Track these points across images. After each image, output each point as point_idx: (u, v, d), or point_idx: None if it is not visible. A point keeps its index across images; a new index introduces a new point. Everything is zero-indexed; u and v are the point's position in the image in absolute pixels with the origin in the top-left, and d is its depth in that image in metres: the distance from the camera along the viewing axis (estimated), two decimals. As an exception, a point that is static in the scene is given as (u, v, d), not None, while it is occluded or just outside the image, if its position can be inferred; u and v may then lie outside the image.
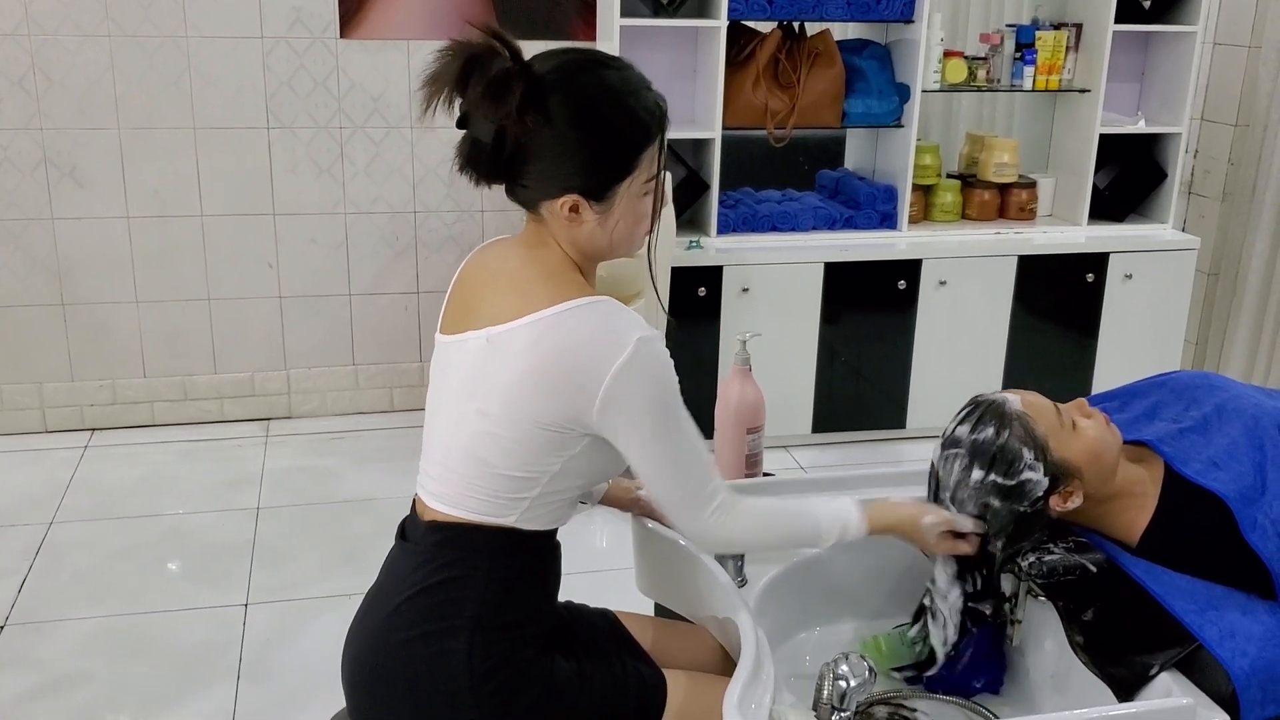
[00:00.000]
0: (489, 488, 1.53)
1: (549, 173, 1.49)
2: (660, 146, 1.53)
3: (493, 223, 4.11)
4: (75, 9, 3.66)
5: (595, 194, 1.50)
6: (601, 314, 1.48)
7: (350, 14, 3.83)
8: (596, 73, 1.50)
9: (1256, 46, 4.17)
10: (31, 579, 3.10)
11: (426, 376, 4.17)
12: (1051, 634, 1.69)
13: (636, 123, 1.49)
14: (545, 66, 1.48)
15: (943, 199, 4.09)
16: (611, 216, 1.52)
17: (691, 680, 1.67)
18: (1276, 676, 1.48)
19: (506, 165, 1.50)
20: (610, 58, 1.54)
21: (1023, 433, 1.66)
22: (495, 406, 1.50)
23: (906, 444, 3.95)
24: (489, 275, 1.59)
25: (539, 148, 1.47)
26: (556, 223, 1.53)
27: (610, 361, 1.44)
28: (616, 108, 1.49)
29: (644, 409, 1.46)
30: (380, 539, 1.71)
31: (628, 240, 1.56)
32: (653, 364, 1.46)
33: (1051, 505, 1.68)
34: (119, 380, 4.00)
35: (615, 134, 1.49)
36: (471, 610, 1.51)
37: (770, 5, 3.69)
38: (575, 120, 1.46)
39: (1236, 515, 1.62)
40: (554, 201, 1.51)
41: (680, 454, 1.50)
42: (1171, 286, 4.02)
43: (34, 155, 3.75)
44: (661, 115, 1.52)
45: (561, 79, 1.47)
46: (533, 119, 1.44)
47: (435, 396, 1.62)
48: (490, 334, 1.51)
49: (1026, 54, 3.94)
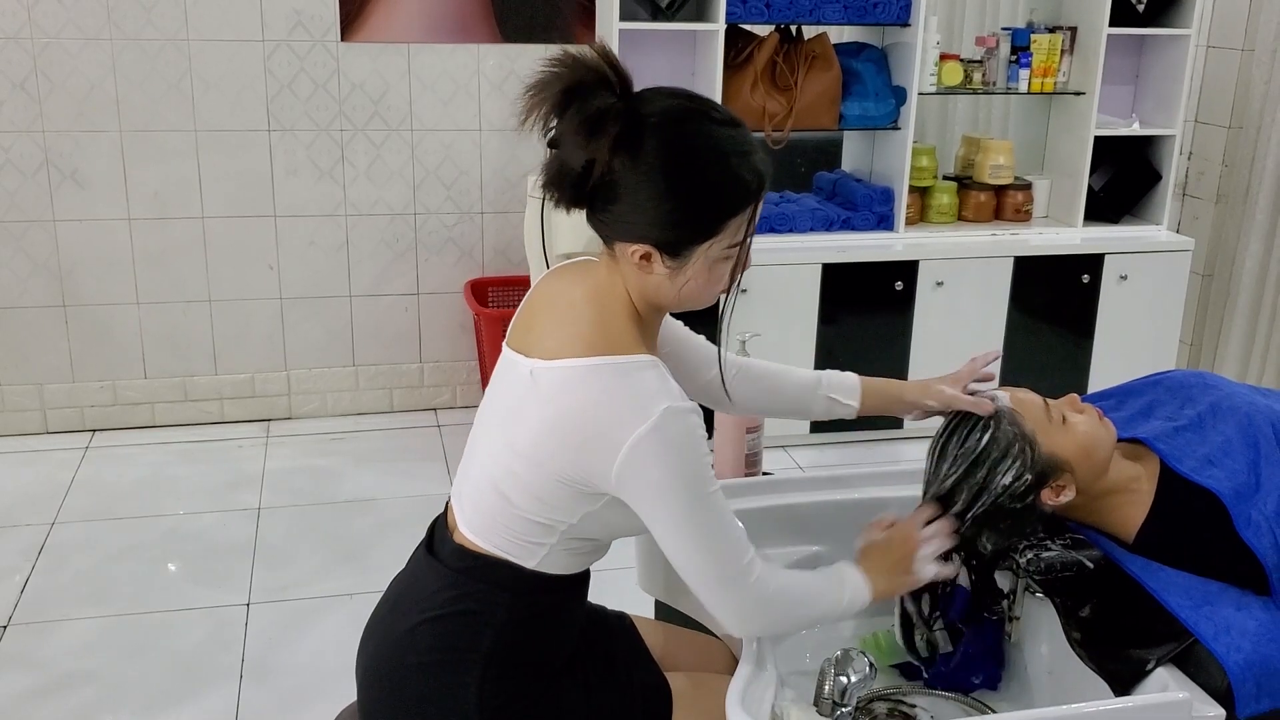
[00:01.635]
0: (511, 528, 1.50)
1: (628, 217, 1.42)
2: (752, 215, 1.44)
3: (492, 224, 4.13)
4: (77, 12, 3.67)
5: (670, 249, 1.43)
6: (634, 377, 1.41)
7: (351, 17, 3.84)
8: (702, 124, 1.41)
9: (1250, 49, 4.19)
10: (33, 579, 3.11)
11: (426, 378, 4.22)
12: (1049, 630, 1.71)
13: (731, 186, 1.41)
14: (651, 108, 1.40)
15: (939, 201, 4.11)
16: (683, 274, 1.45)
17: (693, 680, 1.69)
18: (1271, 671, 1.50)
19: (590, 196, 1.43)
20: (721, 111, 1.44)
21: (1011, 429, 1.68)
22: (522, 445, 1.46)
23: (903, 444, 3.97)
24: (553, 300, 1.53)
25: (624, 189, 1.40)
26: (627, 264, 1.47)
27: (630, 429, 1.38)
28: (715, 166, 1.40)
29: (666, 483, 1.40)
30: (381, 539, 1.72)
31: (697, 298, 1.48)
32: (677, 436, 1.39)
33: (1043, 499, 1.69)
34: (120, 381, 4.01)
35: (705, 194, 1.41)
36: (488, 645, 1.50)
37: (768, 9, 3.71)
38: (668, 170, 1.39)
39: (1231, 512, 1.64)
40: (627, 245, 1.45)
41: (709, 535, 1.44)
42: (1166, 287, 4.05)
43: (36, 157, 3.76)
44: (761, 184, 1.43)
45: (664, 124, 1.39)
46: (622, 161, 1.38)
47: (485, 410, 1.59)
48: (535, 367, 1.47)
49: (1022, 57, 3.97)
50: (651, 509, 1.42)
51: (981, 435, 1.70)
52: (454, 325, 4.21)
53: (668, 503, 1.41)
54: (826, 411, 1.82)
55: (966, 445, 1.70)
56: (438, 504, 1.70)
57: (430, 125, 3.99)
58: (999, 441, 1.68)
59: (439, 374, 4.26)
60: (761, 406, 1.82)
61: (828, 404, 1.81)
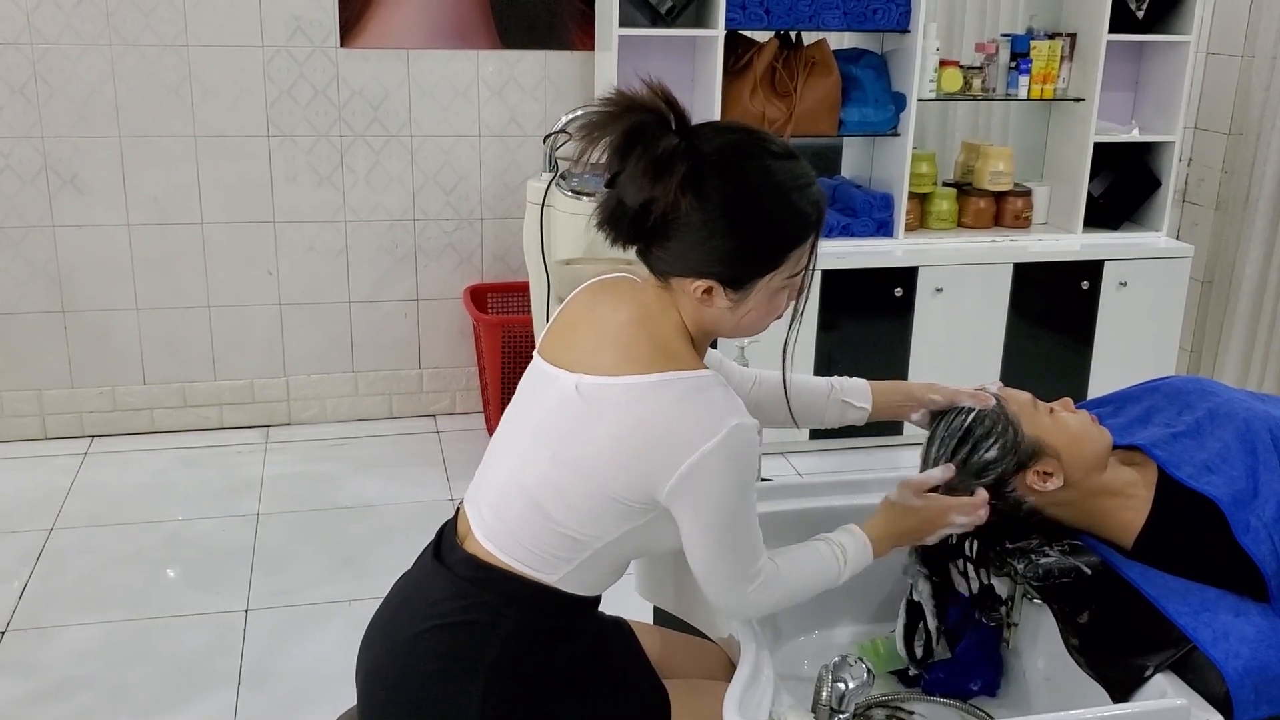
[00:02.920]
0: (539, 541, 1.49)
1: (690, 254, 1.44)
2: (812, 246, 1.48)
3: (491, 230, 4.13)
4: (76, 17, 3.68)
5: (733, 284, 1.45)
6: (701, 393, 1.43)
7: (350, 23, 3.85)
8: (762, 161, 1.44)
9: (1249, 56, 4.20)
10: (32, 585, 3.11)
11: (425, 384, 4.22)
12: (1047, 636, 1.71)
13: (792, 220, 1.45)
14: (710, 145, 1.42)
15: (939, 207, 4.12)
16: (744, 305, 1.48)
17: (692, 690, 1.68)
18: (1269, 677, 1.50)
19: (647, 234, 1.45)
20: (777, 144, 1.47)
21: (995, 410, 1.74)
22: (569, 459, 1.46)
23: (903, 450, 3.97)
24: (597, 318, 1.53)
25: (685, 227, 1.42)
26: (685, 298, 1.49)
27: (699, 444, 1.40)
28: (775, 202, 1.43)
29: (719, 495, 1.43)
30: (380, 545, 1.72)
31: (754, 327, 1.52)
32: (741, 452, 1.42)
33: (1029, 483, 1.72)
34: (119, 387, 4.01)
35: (768, 229, 1.44)
36: (492, 657, 1.50)
37: (768, 15, 3.72)
38: (730, 208, 1.41)
39: (1229, 518, 1.64)
40: (687, 280, 1.46)
41: (738, 537, 1.48)
42: (1166, 294, 4.05)
43: (35, 163, 3.77)
44: (821, 214, 1.47)
45: (724, 162, 1.42)
46: (689, 202, 1.40)
47: (514, 419, 1.58)
48: (581, 382, 1.47)
49: (1021, 63, 3.97)
50: (697, 517, 1.45)
51: (966, 416, 1.75)
52: (453, 331, 4.21)
53: (716, 513, 1.44)
54: (839, 417, 1.85)
55: (953, 426, 1.76)
56: (437, 510, 1.70)
57: (429, 131, 4.00)
58: (983, 420, 1.74)
59: (438, 380, 4.26)
60: (779, 416, 1.85)
61: (841, 409, 1.84)
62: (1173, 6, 3.98)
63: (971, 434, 1.74)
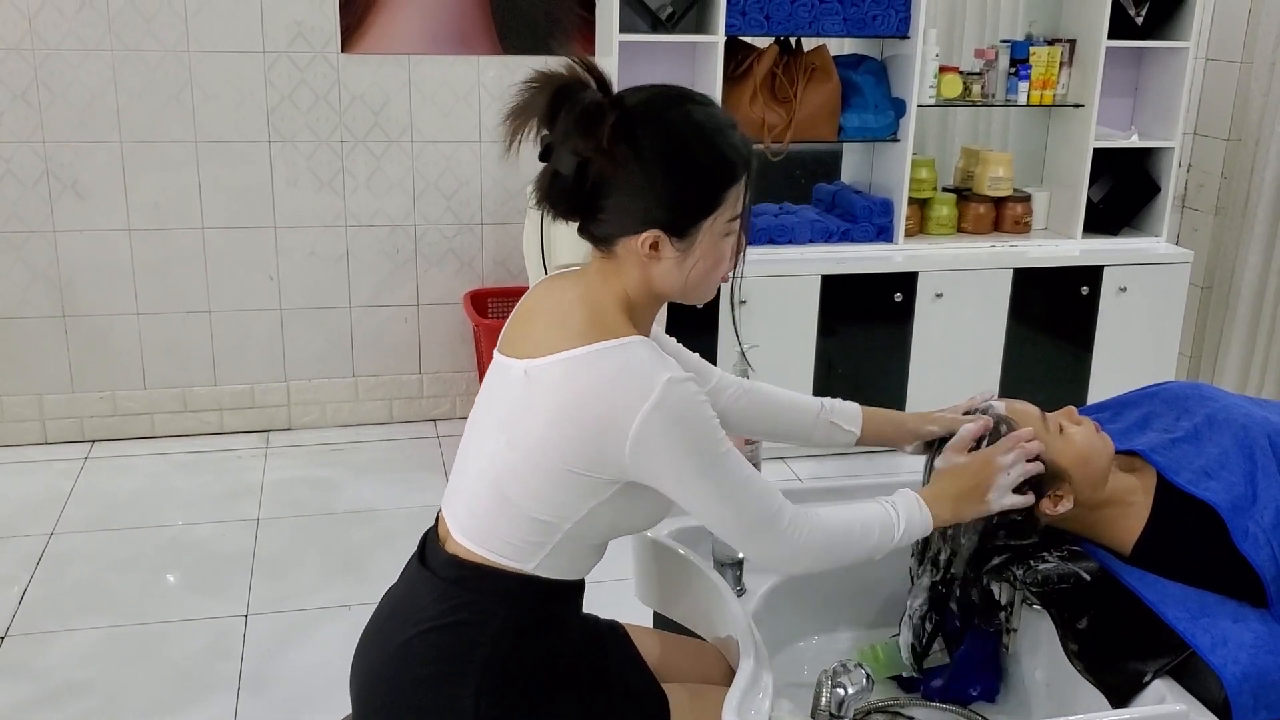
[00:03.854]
0: (510, 528, 1.51)
1: (630, 206, 1.47)
2: (746, 186, 1.50)
3: (492, 236, 4.13)
4: (78, 23, 3.68)
5: (677, 230, 1.47)
6: (629, 356, 1.45)
7: (351, 29, 3.86)
8: (684, 108, 1.48)
9: (1248, 62, 4.20)
10: (32, 589, 3.11)
11: (426, 389, 4.22)
12: (1047, 642, 1.71)
13: (724, 160, 1.48)
14: (635, 100, 1.47)
15: (938, 212, 4.12)
16: (691, 255, 1.49)
17: (691, 692, 1.68)
18: (1268, 683, 1.50)
19: (586, 200, 1.48)
20: (698, 95, 1.52)
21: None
22: (523, 442, 1.48)
23: (903, 456, 3.96)
24: (545, 305, 1.56)
25: (623, 181, 1.45)
26: (632, 260, 1.50)
27: (637, 406, 1.41)
28: (705, 143, 1.47)
29: (680, 452, 1.43)
30: (380, 550, 1.72)
31: (702, 282, 1.53)
32: (682, 405, 1.42)
33: (1042, 509, 1.70)
34: (119, 392, 4.02)
35: (703, 169, 1.47)
36: (482, 656, 1.51)
37: (767, 21, 3.72)
38: (664, 153, 1.45)
39: (1228, 524, 1.64)
40: (633, 238, 1.48)
41: (733, 489, 1.47)
42: (1165, 299, 4.05)
43: (36, 168, 3.77)
44: (748, 156, 1.50)
45: (651, 112, 1.46)
46: (622, 151, 1.43)
47: (477, 415, 1.60)
48: (529, 367, 1.49)
49: (1021, 69, 3.98)
50: (671, 480, 1.45)
51: (979, 445, 1.70)
52: (454, 336, 4.22)
53: (685, 470, 1.44)
54: (826, 438, 1.85)
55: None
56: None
57: (430, 136, 4.00)
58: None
59: (438, 385, 4.26)
60: (763, 429, 1.84)
61: (828, 430, 1.84)
62: (1172, 12, 3.99)
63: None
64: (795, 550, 1.52)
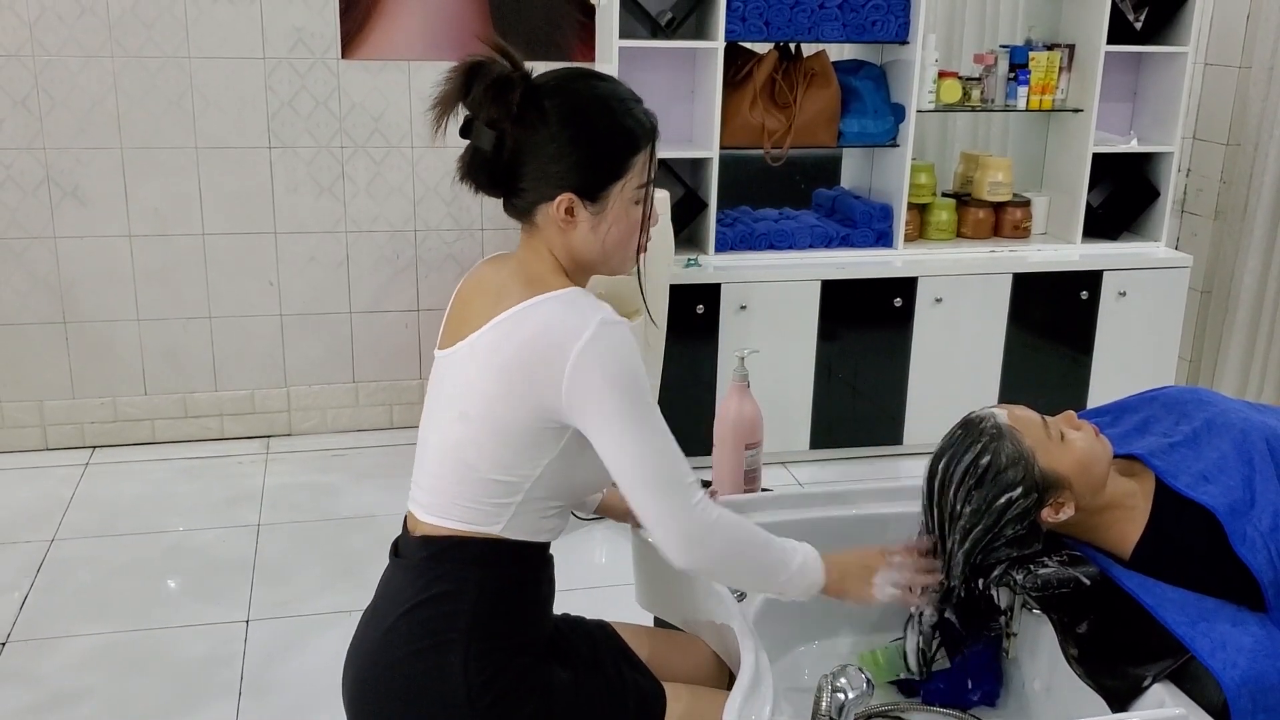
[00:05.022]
0: (474, 494, 1.56)
1: (544, 171, 1.55)
2: (650, 155, 1.58)
3: (492, 240, 4.14)
4: (79, 30, 3.69)
5: (589, 193, 1.55)
6: (563, 300, 1.52)
7: (351, 35, 3.86)
8: (589, 82, 1.59)
9: (1247, 67, 4.21)
10: (33, 596, 3.11)
11: (426, 394, 4.22)
12: (1046, 646, 1.71)
13: (626, 128, 1.56)
14: (543, 77, 1.57)
15: (938, 217, 4.13)
16: (605, 220, 1.57)
17: (691, 694, 1.68)
18: (1267, 687, 1.50)
19: (505, 171, 1.57)
20: (603, 74, 1.63)
21: (1011, 449, 1.69)
22: (474, 409, 1.54)
23: (903, 460, 3.98)
24: (480, 288, 1.64)
25: (535, 147, 1.54)
26: (551, 228, 1.58)
27: (572, 344, 1.47)
28: (607, 113, 1.56)
29: (610, 389, 1.47)
30: (380, 555, 1.73)
31: (620, 249, 1.60)
32: (616, 345, 1.48)
33: (1043, 517, 1.70)
34: (120, 398, 4.02)
35: (606, 136, 1.55)
36: (465, 623, 1.54)
37: (767, 27, 3.73)
38: (569, 120, 1.54)
39: (1226, 528, 1.64)
40: (549, 205, 1.56)
41: (653, 441, 1.49)
42: (1165, 304, 4.06)
43: (37, 174, 3.78)
44: (651, 127, 1.59)
45: (557, 86, 1.56)
46: (531, 117, 1.52)
47: (428, 410, 1.66)
48: (471, 340, 1.56)
49: (1020, 74, 3.98)
50: (596, 419, 1.49)
51: (982, 455, 1.70)
52: (454, 341, 4.22)
53: (610, 409, 1.48)
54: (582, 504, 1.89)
55: (967, 465, 1.71)
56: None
57: (430, 142, 4.01)
58: (1000, 460, 1.69)
59: (439, 390, 4.26)
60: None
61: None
62: (1170, 18, 4.00)
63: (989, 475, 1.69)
64: (703, 529, 1.51)
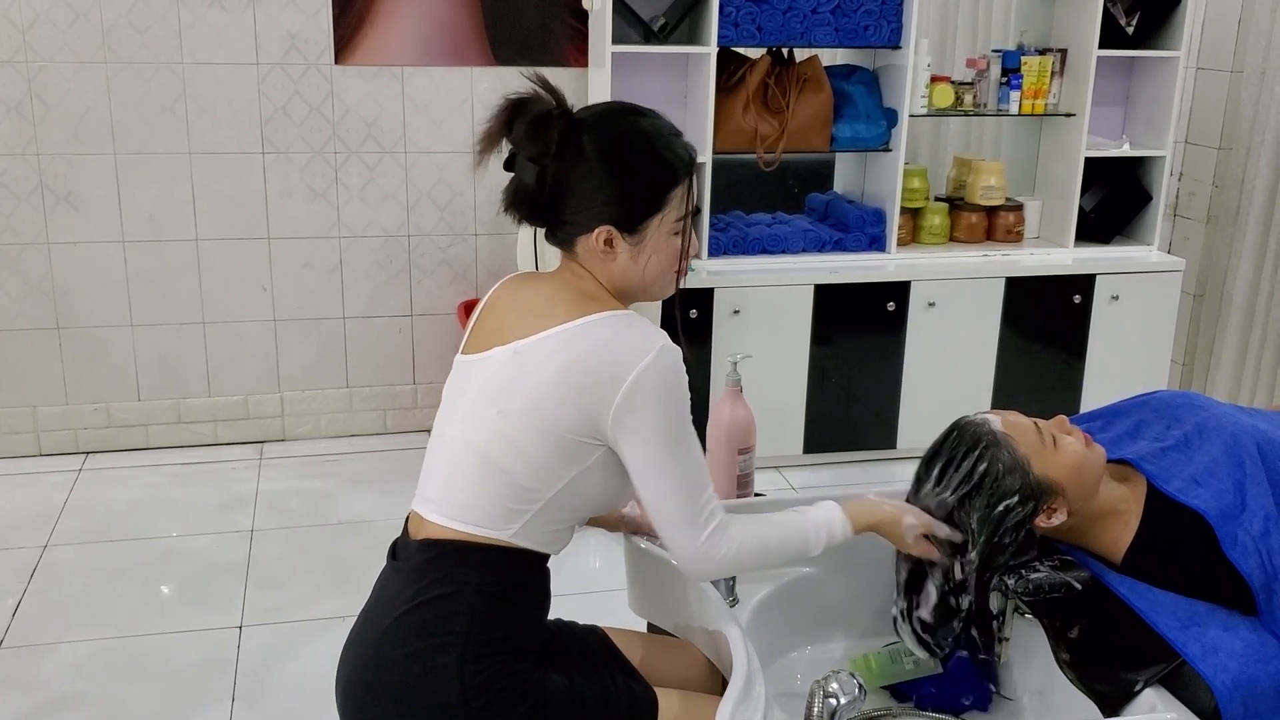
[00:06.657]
0: (496, 494, 1.56)
1: (584, 205, 1.58)
2: (689, 188, 1.62)
3: (486, 246, 4.14)
4: (72, 35, 3.69)
5: (628, 225, 1.59)
6: (626, 321, 1.56)
7: (345, 41, 3.87)
8: (629, 118, 1.63)
9: (1239, 71, 4.22)
10: (26, 601, 3.11)
11: (420, 399, 4.22)
12: (1038, 651, 1.71)
13: (665, 162, 1.60)
14: (583, 113, 1.61)
15: (931, 222, 4.13)
16: (644, 251, 1.61)
17: (684, 699, 1.69)
18: (1258, 691, 1.51)
19: (547, 205, 1.60)
20: (643, 109, 1.66)
21: (1005, 456, 1.69)
22: (516, 408, 1.55)
23: (897, 464, 3.98)
24: (519, 301, 1.65)
25: (575, 181, 1.58)
26: (592, 259, 1.61)
27: (635, 362, 1.50)
28: (645, 147, 1.60)
29: (657, 416, 1.51)
30: (374, 560, 1.74)
31: (660, 278, 1.64)
32: (672, 372, 1.53)
33: (1036, 523, 1.70)
34: (113, 403, 4.01)
35: (644, 170, 1.59)
36: (462, 625, 1.54)
37: (760, 32, 3.74)
38: (607, 155, 1.58)
39: (1217, 532, 1.65)
40: (589, 236, 1.59)
41: (684, 469, 1.54)
42: (1157, 308, 4.06)
43: (30, 180, 3.77)
44: (690, 160, 1.63)
45: (596, 121, 1.61)
46: (570, 153, 1.56)
47: (448, 412, 1.65)
48: (518, 346, 1.58)
49: (1012, 79, 3.99)
50: (637, 439, 1.52)
51: (977, 463, 1.70)
52: (448, 347, 4.22)
53: (652, 433, 1.52)
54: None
55: (962, 473, 1.71)
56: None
57: (424, 147, 4.01)
58: (997, 468, 1.69)
59: (433, 395, 4.26)
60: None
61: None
62: (1162, 22, 4.01)
63: (984, 484, 1.69)
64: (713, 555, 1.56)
